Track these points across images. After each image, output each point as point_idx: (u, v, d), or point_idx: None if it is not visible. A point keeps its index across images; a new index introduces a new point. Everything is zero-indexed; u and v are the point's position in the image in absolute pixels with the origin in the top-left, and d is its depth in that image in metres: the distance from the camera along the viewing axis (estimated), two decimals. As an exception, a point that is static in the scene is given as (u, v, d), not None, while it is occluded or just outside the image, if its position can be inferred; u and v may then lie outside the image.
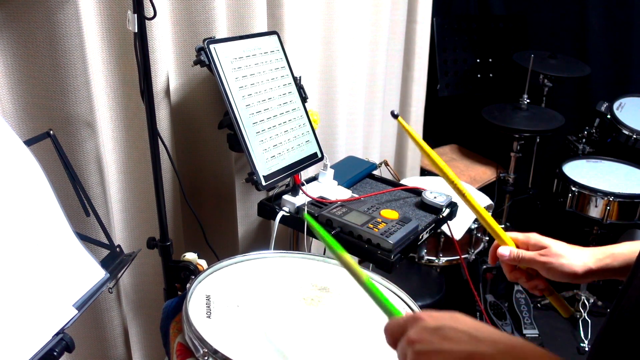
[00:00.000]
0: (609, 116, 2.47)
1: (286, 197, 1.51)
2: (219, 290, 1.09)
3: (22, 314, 0.78)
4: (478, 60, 2.72)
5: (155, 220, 1.30)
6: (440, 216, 1.55)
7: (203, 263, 1.31)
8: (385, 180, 1.78)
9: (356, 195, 1.59)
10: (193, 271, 1.27)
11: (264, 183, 1.37)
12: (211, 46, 1.32)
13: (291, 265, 1.23)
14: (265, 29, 1.57)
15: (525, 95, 2.40)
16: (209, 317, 1.00)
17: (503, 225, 2.61)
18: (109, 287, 0.98)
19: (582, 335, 2.29)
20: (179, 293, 1.31)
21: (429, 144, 0.95)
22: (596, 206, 2.23)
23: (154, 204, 1.28)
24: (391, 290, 1.17)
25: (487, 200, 2.17)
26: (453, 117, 2.87)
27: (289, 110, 1.51)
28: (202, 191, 1.60)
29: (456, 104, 2.82)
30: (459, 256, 1.94)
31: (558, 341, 2.31)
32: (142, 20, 1.13)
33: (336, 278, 1.19)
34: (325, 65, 1.91)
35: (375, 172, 1.82)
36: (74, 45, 1.14)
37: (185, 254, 1.31)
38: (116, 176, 1.40)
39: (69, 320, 0.84)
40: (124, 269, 1.07)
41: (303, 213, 1.24)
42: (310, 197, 1.51)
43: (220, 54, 1.34)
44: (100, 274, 0.95)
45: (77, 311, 0.86)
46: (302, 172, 1.52)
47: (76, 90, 1.17)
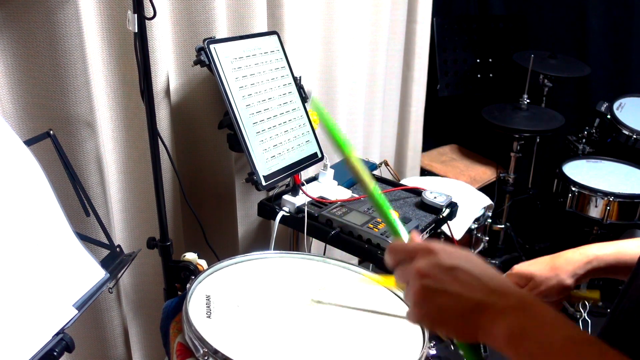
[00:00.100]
0: (609, 116, 2.47)
1: (286, 197, 1.51)
2: (219, 290, 1.09)
3: (22, 314, 0.78)
4: (478, 60, 2.72)
5: (155, 220, 1.30)
6: (440, 216, 1.55)
7: (203, 263, 1.31)
8: (385, 180, 1.78)
9: (356, 195, 1.59)
10: (193, 271, 1.27)
11: (264, 183, 1.37)
12: (211, 46, 1.32)
13: (291, 265, 1.23)
14: (265, 29, 1.57)
15: (525, 95, 2.40)
16: (209, 317, 1.00)
17: (503, 226, 2.61)
18: (109, 287, 0.98)
19: (582, 335, 2.28)
20: (179, 293, 1.31)
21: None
22: (596, 206, 2.23)
23: (154, 204, 1.28)
24: (391, 290, 1.17)
25: (487, 201, 2.16)
26: (453, 117, 2.87)
27: (289, 110, 1.51)
28: (202, 191, 1.60)
29: (456, 104, 2.82)
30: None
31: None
32: (142, 20, 1.13)
33: (336, 278, 1.19)
34: (325, 65, 1.91)
35: (375, 172, 1.82)
36: (74, 45, 1.14)
37: (185, 254, 1.31)
38: (116, 176, 1.40)
39: (69, 320, 0.84)
40: (124, 269, 1.07)
41: (311, 97, 1.10)
42: (310, 197, 1.51)
43: (220, 54, 1.34)
44: (100, 274, 0.95)
45: (77, 311, 0.86)
46: (302, 172, 1.52)
47: (76, 90, 1.17)
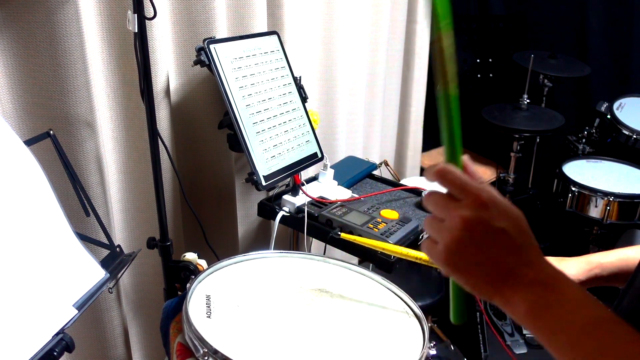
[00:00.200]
0: (609, 116, 2.47)
1: (286, 197, 1.51)
2: (219, 290, 1.09)
3: (22, 314, 0.78)
4: (478, 60, 2.72)
5: (155, 220, 1.30)
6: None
7: (203, 263, 1.31)
8: (385, 180, 1.78)
9: (356, 195, 1.59)
10: (193, 271, 1.27)
11: (264, 183, 1.37)
12: (211, 46, 1.32)
13: (291, 265, 1.23)
14: (265, 29, 1.57)
15: (525, 95, 2.40)
16: (209, 317, 1.00)
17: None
18: (109, 287, 0.98)
19: (582, 335, 2.28)
20: (179, 293, 1.31)
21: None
22: (596, 206, 2.22)
23: (154, 204, 1.28)
24: (391, 290, 1.17)
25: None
26: (453, 117, 2.87)
27: (289, 110, 1.51)
28: (202, 191, 1.60)
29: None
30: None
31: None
32: (142, 20, 1.13)
33: (336, 278, 1.19)
34: (325, 65, 1.91)
35: (375, 172, 1.82)
36: (74, 45, 1.14)
37: (185, 254, 1.31)
38: (116, 176, 1.40)
39: (69, 320, 0.84)
40: (124, 269, 1.07)
41: None
42: (310, 197, 1.51)
43: (220, 54, 1.34)
44: (100, 274, 0.95)
45: (77, 311, 0.86)
46: (302, 172, 1.52)
47: (76, 90, 1.17)
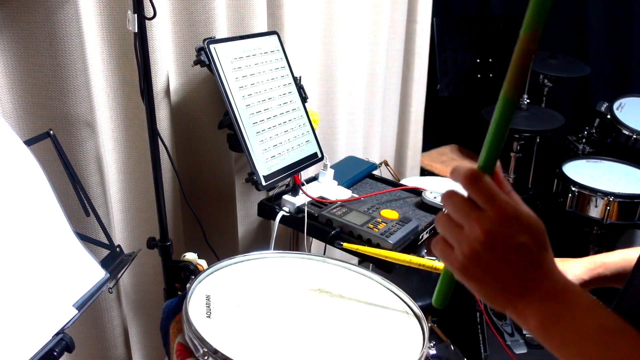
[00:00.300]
0: (609, 116, 2.47)
1: (286, 197, 1.51)
2: (219, 290, 1.09)
3: (22, 314, 0.78)
4: (478, 60, 2.72)
5: (155, 220, 1.30)
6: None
7: (203, 263, 1.31)
8: (385, 180, 1.78)
9: (356, 195, 1.59)
10: (193, 271, 1.27)
11: (264, 183, 1.37)
12: (211, 46, 1.32)
13: (291, 265, 1.23)
14: (265, 29, 1.57)
15: (525, 95, 2.40)
16: (209, 317, 1.00)
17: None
18: (109, 287, 0.99)
19: (582, 335, 2.28)
20: (179, 293, 1.31)
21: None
22: (596, 206, 2.22)
23: (154, 204, 1.28)
24: (391, 290, 1.17)
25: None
26: (453, 117, 2.87)
27: (289, 110, 1.51)
28: (202, 191, 1.60)
29: (456, 104, 2.82)
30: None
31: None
32: (142, 20, 1.13)
33: (336, 278, 1.19)
34: (325, 65, 1.91)
35: (375, 172, 1.82)
36: (74, 45, 1.14)
37: (185, 254, 1.31)
38: (116, 176, 1.40)
39: (69, 320, 0.84)
40: (124, 269, 1.07)
41: None
42: (310, 197, 1.51)
43: (220, 54, 1.34)
44: (100, 274, 0.95)
45: (77, 311, 0.86)
46: (302, 172, 1.52)
47: (76, 90, 1.17)
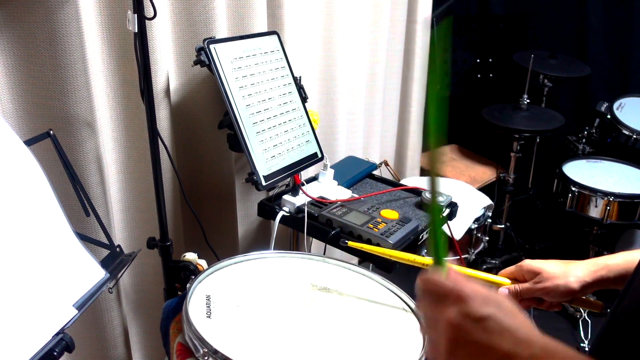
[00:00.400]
0: (609, 116, 2.47)
1: (286, 197, 1.51)
2: (219, 290, 1.09)
3: (22, 314, 0.78)
4: (478, 60, 2.72)
5: (155, 220, 1.30)
6: (440, 216, 1.55)
7: (203, 263, 1.31)
8: (385, 180, 1.78)
9: (356, 195, 1.59)
10: (193, 271, 1.27)
11: (264, 183, 1.37)
12: (211, 46, 1.32)
13: (291, 265, 1.23)
14: (265, 29, 1.57)
15: (525, 95, 2.40)
16: (209, 317, 1.00)
17: (503, 226, 2.61)
18: (109, 287, 0.98)
19: (582, 336, 2.28)
20: (179, 293, 1.31)
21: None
22: (596, 206, 2.22)
23: (154, 204, 1.28)
24: (391, 290, 1.17)
25: (487, 201, 2.16)
26: (453, 117, 2.86)
27: (289, 110, 1.51)
28: (202, 191, 1.60)
29: (456, 104, 2.82)
30: (459, 256, 1.95)
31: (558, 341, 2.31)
32: (142, 20, 1.13)
33: (336, 278, 1.19)
34: (325, 65, 1.91)
35: (375, 172, 1.82)
36: (74, 45, 1.14)
37: (185, 254, 1.31)
38: (116, 176, 1.40)
39: (69, 320, 0.84)
40: (124, 269, 1.07)
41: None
42: (310, 197, 1.51)
43: (220, 54, 1.34)
44: (100, 274, 0.95)
45: (77, 311, 0.86)
46: (302, 172, 1.52)
47: (76, 90, 1.17)
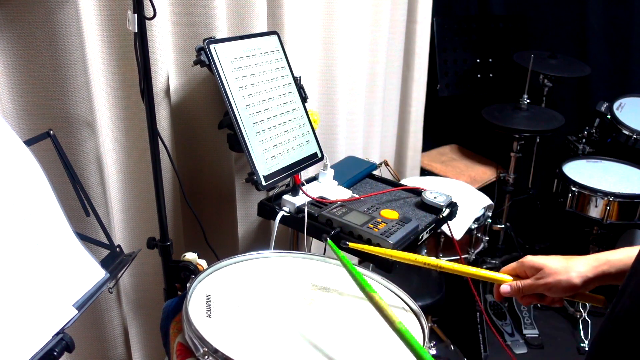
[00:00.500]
0: (609, 116, 2.47)
1: (286, 197, 1.51)
2: (219, 290, 1.09)
3: (22, 314, 0.78)
4: (478, 60, 2.72)
5: (155, 220, 1.30)
6: (440, 216, 1.55)
7: (203, 263, 1.31)
8: (385, 180, 1.78)
9: (356, 195, 1.59)
10: (193, 271, 1.27)
11: (264, 183, 1.37)
12: (211, 46, 1.32)
13: (291, 265, 1.23)
14: (265, 29, 1.57)
15: (525, 95, 2.40)
16: (209, 317, 1.00)
17: (503, 226, 2.61)
18: (109, 287, 0.98)
19: (582, 335, 2.29)
20: (179, 293, 1.31)
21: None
22: (596, 206, 2.23)
23: (154, 204, 1.28)
24: (391, 290, 1.17)
25: (487, 201, 2.16)
26: (453, 117, 2.87)
27: (289, 110, 1.51)
28: (202, 191, 1.60)
29: (456, 104, 2.82)
30: (459, 256, 1.95)
31: (558, 341, 2.31)
32: (142, 20, 1.13)
33: (336, 278, 1.19)
34: (325, 65, 1.91)
35: (375, 172, 1.82)
36: (74, 45, 1.14)
37: (185, 254, 1.31)
38: (116, 176, 1.40)
39: (69, 320, 0.84)
40: (124, 269, 1.07)
41: (328, 241, 1.22)
42: (310, 197, 1.51)
43: (220, 54, 1.34)
44: (100, 274, 0.95)
45: (77, 311, 0.86)
46: (302, 172, 1.52)
47: (76, 90, 1.17)
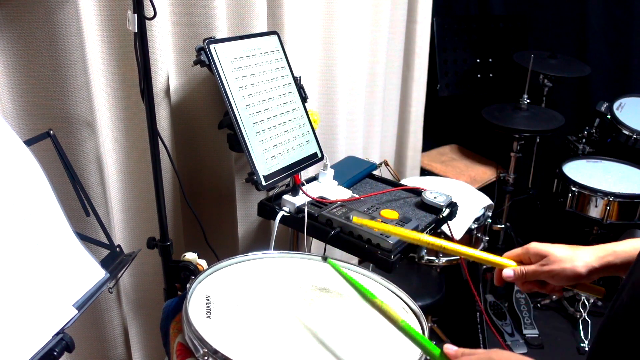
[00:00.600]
0: (609, 116, 2.47)
1: (286, 197, 1.51)
2: (219, 290, 1.09)
3: (22, 314, 0.78)
4: (478, 60, 2.72)
5: (155, 220, 1.30)
6: (440, 216, 1.55)
7: (203, 263, 1.31)
8: (385, 180, 1.78)
9: (356, 195, 1.59)
10: (193, 271, 1.27)
11: (264, 183, 1.37)
12: (211, 46, 1.32)
13: (291, 265, 1.23)
14: (265, 29, 1.57)
15: (525, 95, 2.40)
16: (209, 317, 1.00)
17: (503, 226, 2.61)
18: (109, 287, 0.98)
19: (582, 335, 2.29)
20: (179, 293, 1.31)
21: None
22: (596, 206, 2.23)
23: (154, 204, 1.28)
24: (391, 290, 1.17)
25: (487, 201, 2.16)
26: (453, 117, 2.87)
27: (289, 110, 1.51)
28: (202, 191, 1.60)
29: (456, 104, 2.82)
30: (459, 256, 1.95)
31: (558, 341, 2.31)
32: (142, 20, 1.13)
33: (336, 278, 1.19)
34: (325, 65, 1.91)
35: (375, 172, 1.82)
36: (74, 45, 1.14)
37: (185, 254, 1.31)
38: (116, 176, 1.40)
39: (69, 320, 0.84)
40: (124, 269, 1.07)
41: (328, 259, 1.21)
42: (310, 197, 1.51)
43: (220, 54, 1.34)
44: (100, 274, 0.95)
45: (77, 311, 0.86)
46: (302, 172, 1.52)
47: (76, 90, 1.17)
